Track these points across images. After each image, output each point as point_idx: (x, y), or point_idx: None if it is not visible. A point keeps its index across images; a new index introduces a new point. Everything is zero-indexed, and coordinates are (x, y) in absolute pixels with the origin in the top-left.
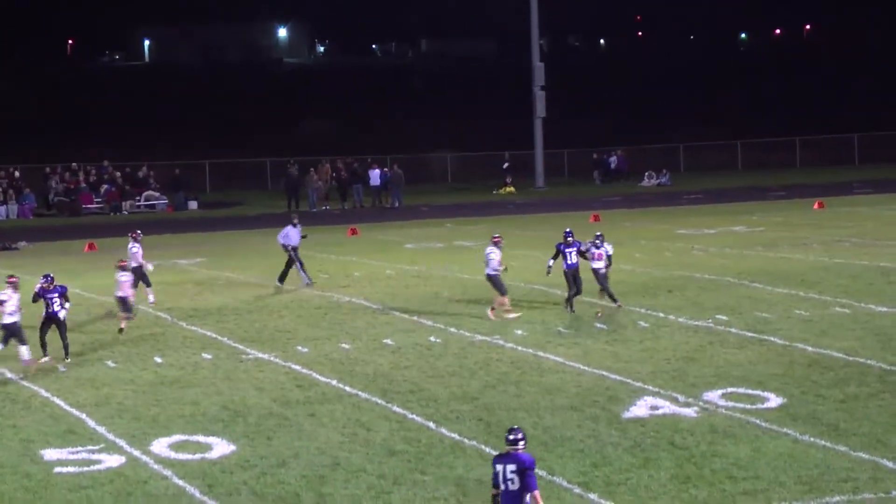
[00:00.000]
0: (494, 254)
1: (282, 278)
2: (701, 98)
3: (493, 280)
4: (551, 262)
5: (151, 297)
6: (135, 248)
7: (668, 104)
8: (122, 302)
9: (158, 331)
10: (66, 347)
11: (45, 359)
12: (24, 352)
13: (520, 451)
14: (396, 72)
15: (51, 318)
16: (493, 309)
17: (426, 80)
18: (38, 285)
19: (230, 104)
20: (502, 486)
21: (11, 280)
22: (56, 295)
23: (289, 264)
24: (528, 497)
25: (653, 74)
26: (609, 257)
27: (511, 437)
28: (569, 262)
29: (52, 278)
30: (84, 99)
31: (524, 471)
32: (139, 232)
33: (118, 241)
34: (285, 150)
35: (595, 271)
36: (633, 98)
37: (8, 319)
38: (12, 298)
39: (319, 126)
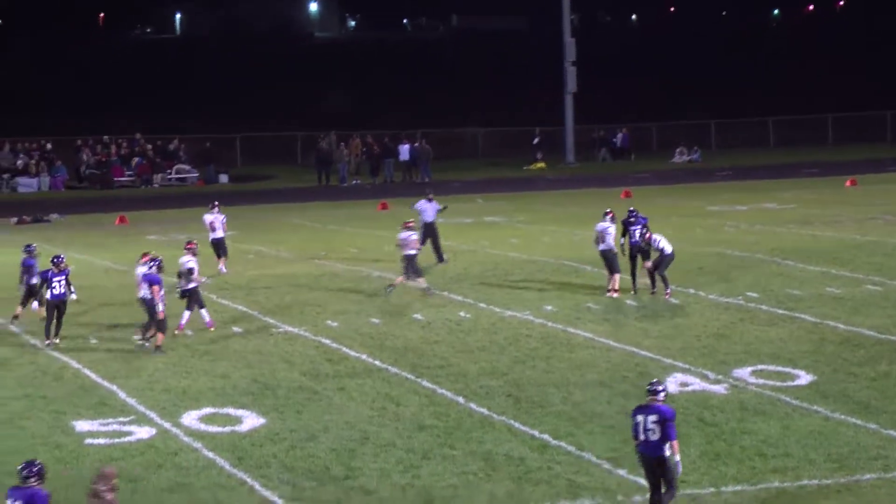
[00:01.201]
0: (612, 228)
1: (439, 256)
2: (732, 75)
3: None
4: (622, 241)
5: (222, 267)
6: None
7: (699, 80)
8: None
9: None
10: (58, 328)
11: (48, 341)
12: (206, 314)
13: (660, 403)
14: (427, 47)
15: (56, 301)
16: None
17: (457, 56)
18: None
19: (260, 78)
20: (641, 437)
21: (190, 246)
22: (63, 278)
23: (434, 240)
24: (667, 446)
25: (684, 50)
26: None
27: (652, 387)
28: (633, 239)
29: (63, 259)
30: (115, 72)
31: (664, 421)
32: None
33: (148, 215)
34: (315, 125)
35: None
36: (663, 74)
37: (191, 285)
38: (193, 262)
39: (349, 100)
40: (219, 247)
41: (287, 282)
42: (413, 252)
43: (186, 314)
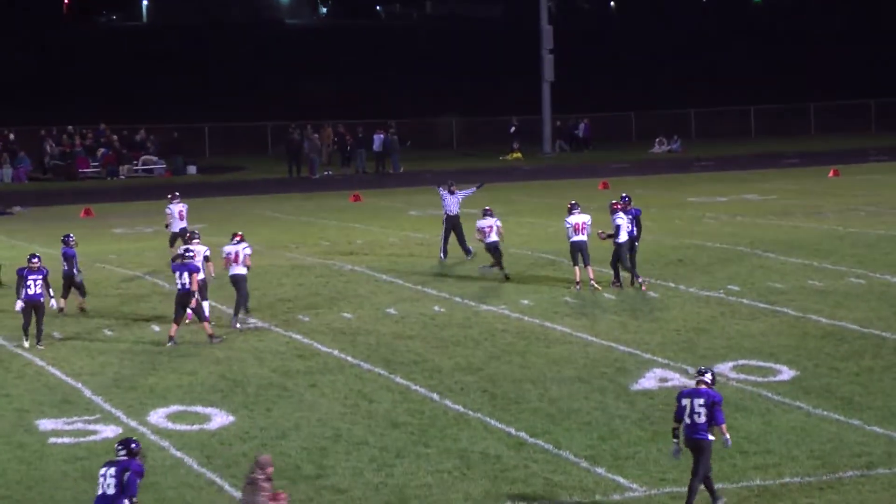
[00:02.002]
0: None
1: (466, 250)
2: (713, 62)
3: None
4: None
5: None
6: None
7: (678, 68)
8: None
9: (155, 298)
10: (39, 332)
11: (27, 343)
12: (206, 308)
13: (708, 387)
14: (401, 34)
15: (31, 302)
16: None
17: (431, 43)
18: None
19: (230, 66)
20: (687, 419)
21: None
22: (40, 277)
23: (458, 233)
24: (709, 434)
25: (663, 37)
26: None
27: (700, 371)
28: (629, 229)
29: (39, 258)
30: (80, 60)
31: (713, 405)
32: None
33: (115, 207)
34: (286, 114)
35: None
36: (642, 62)
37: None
38: (199, 253)
39: (321, 89)
40: (178, 237)
41: (257, 275)
42: (494, 240)
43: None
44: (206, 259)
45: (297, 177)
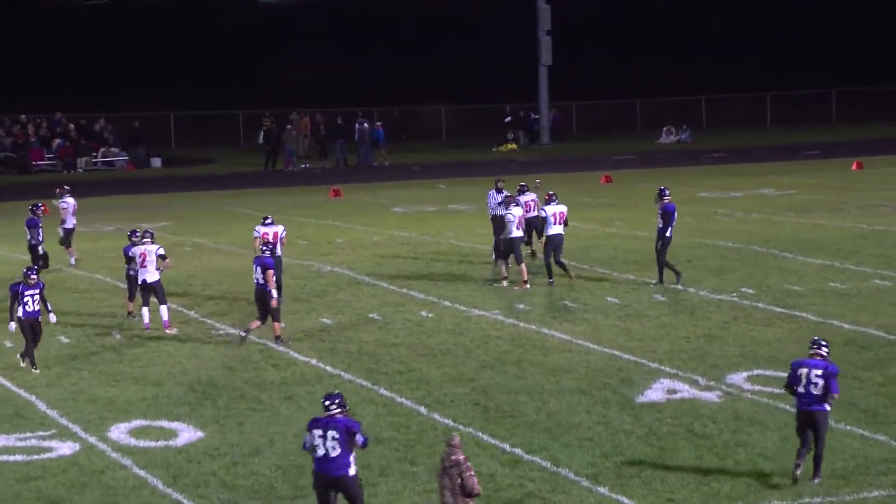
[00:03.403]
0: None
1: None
2: (725, 45)
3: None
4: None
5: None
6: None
7: (689, 51)
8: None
9: (117, 302)
10: (30, 352)
11: (24, 364)
12: (164, 311)
13: (824, 358)
14: (386, 13)
15: (30, 320)
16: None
17: (418, 22)
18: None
19: (198, 48)
20: (802, 388)
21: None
22: (37, 292)
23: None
24: (827, 405)
25: (671, 19)
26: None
27: (815, 342)
28: (659, 225)
29: (37, 271)
30: (32, 44)
31: (830, 376)
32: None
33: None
34: (260, 101)
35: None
36: (648, 44)
37: (154, 277)
38: (150, 253)
39: (298, 74)
40: (69, 235)
41: (228, 278)
42: (518, 235)
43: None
44: (161, 258)
45: (273, 170)
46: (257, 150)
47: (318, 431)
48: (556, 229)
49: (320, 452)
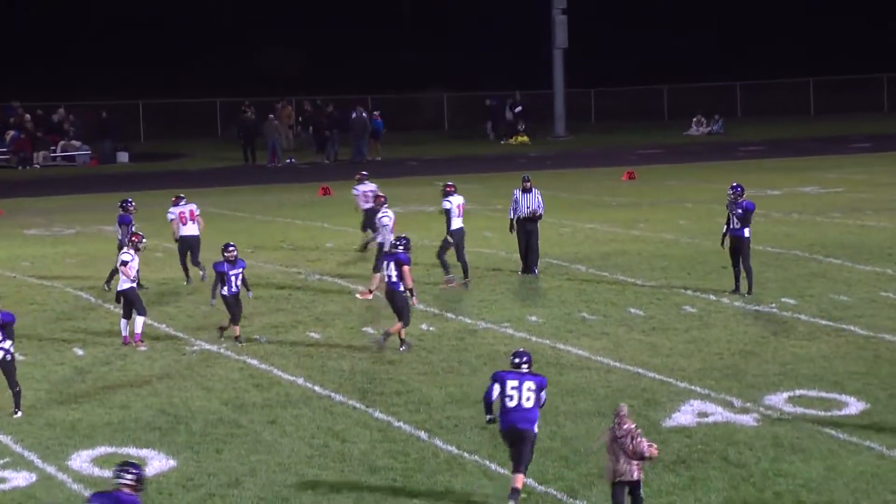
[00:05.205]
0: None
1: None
2: (764, 26)
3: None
4: (725, 229)
5: None
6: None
7: (721, 33)
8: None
9: (78, 314)
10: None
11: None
12: (140, 324)
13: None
14: None
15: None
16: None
17: (417, 1)
18: None
19: (169, 30)
20: None
21: (133, 238)
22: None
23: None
24: None
25: None
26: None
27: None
28: (732, 225)
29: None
30: None
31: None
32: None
33: (28, 203)
34: (239, 89)
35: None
36: (677, 25)
37: (125, 285)
38: (134, 260)
39: (282, 57)
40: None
41: (203, 287)
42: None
43: (135, 321)
44: (123, 264)
45: (253, 165)
46: (236, 143)
47: (514, 382)
48: (459, 223)
49: (512, 403)
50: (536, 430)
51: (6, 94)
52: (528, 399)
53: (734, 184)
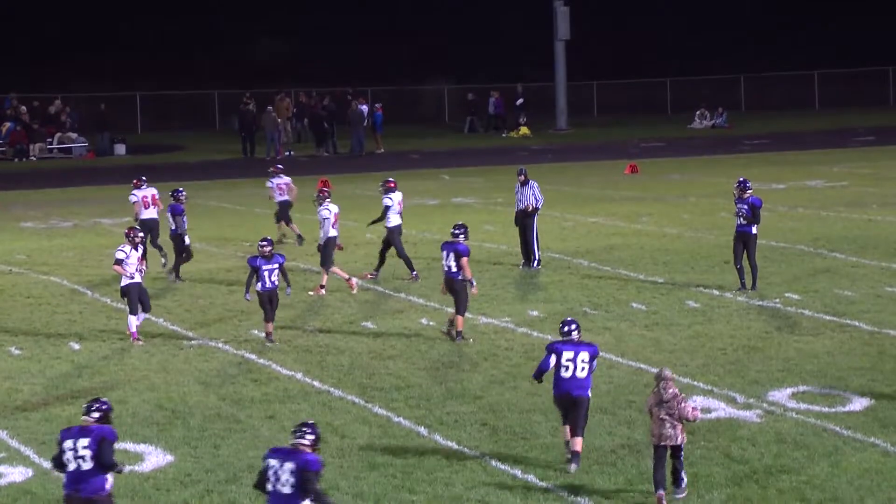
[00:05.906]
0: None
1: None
2: (767, 18)
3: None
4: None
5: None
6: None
7: (725, 24)
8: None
9: (75, 308)
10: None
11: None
12: (133, 322)
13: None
14: None
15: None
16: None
17: None
18: None
19: (166, 19)
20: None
21: (129, 233)
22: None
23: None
24: None
25: None
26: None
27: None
28: (739, 222)
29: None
30: None
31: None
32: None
33: (24, 196)
34: (237, 80)
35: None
36: (679, 17)
37: (125, 282)
38: (131, 256)
39: (281, 49)
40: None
41: (202, 280)
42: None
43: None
44: (117, 262)
45: (252, 157)
46: (234, 135)
47: (569, 354)
48: (397, 219)
49: (568, 374)
50: (590, 394)
51: (2, 85)
52: (582, 370)
53: (740, 178)
